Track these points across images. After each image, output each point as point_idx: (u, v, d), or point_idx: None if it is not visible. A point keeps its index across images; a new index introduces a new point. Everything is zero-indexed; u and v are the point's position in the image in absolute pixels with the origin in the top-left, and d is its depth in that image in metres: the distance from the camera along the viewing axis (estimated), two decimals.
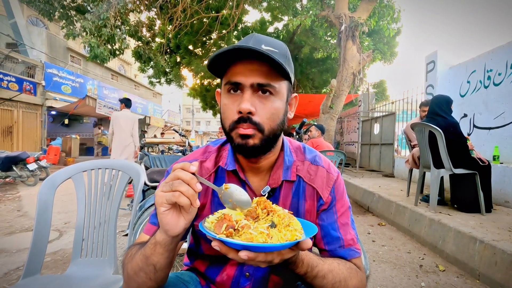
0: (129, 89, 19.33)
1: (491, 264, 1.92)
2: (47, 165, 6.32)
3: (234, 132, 0.62)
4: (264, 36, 0.64)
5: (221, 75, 0.66)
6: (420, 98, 5.57)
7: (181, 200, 0.50)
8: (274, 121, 0.63)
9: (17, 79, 10.66)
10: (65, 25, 7.36)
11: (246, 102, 0.59)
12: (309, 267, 0.58)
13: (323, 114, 7.01)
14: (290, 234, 0.50)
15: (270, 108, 0.62)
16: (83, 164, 1.25)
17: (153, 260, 0.56)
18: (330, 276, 0.61)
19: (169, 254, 0.57)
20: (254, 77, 0.59)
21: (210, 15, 8.61)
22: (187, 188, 0.50)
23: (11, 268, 2.12)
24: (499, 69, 3.79)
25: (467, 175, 2.79)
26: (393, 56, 11.37)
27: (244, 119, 0.60)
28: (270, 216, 0.54)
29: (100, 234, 1.20)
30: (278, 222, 0.52)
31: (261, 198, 0.58)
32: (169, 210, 0.52)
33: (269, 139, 0.63)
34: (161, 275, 0.59)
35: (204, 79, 13.26)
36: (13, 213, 3.79)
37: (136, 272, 0.58)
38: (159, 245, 0.55)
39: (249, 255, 0.46)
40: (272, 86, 0.61)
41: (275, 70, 0.60)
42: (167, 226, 0.53)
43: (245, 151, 0.63)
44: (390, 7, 7.54)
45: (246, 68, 0.59)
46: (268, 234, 0.49)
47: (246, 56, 0.59)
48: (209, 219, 0.55)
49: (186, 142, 4.31)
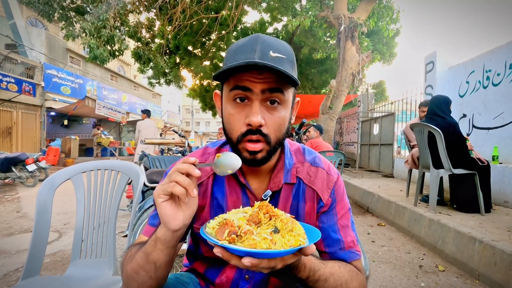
0: (128, 90, 19.31)
1: (491, 264, 1.92)
2: (46, 166, 6.31)
3: (241, 146, 0.61)
4: (270, 38, 0.61)
5: (223, 80, 0.63)
6: (419, 98, 5.58)
7: (176, 190, 0.50)
8: (281, 132, 0.63)
9: (16, 80, 10.65)
10: (64, 26, 7.37)
11: (257, 115, 0.58)
12: (311, 271, 0.58)
13: (322, 114, 7.02)
14: (294, 240, 0.50)
15: (278, 118, 0.61)
16: (83, 165, 1.25)
17: (153, 258, 0.56)
18: (332, 279, 0.61)
19: (169, 251, 0.57)
20: (263, 84, 0.58)
21: (209, 15, 8.62)
22: (183, 178, 0.51)
23: (10, 269, 2.12)
24: (498, 69, 3.80)
25: (467, 175, 2.79)
26: (392, 57, 11.40)
27: (253, 131, 0.59)
28: (273, 221, 0.53)
29: (99, 235, 1.20)
30: (281, 227, 0.52)
31: (263, 203, 0.57)
32: (167, 202, 0.53)
33: (275, 149, 0.64)
34: (161, 273, 0.59)
35: (203, 80, 13.27)
36: (12, 214, 3.78)
37: (136, 271, 0.58)
38: (160, 241, 0.55)
39: (252, 261, 0.46)
40: (282, 92, 0.60)
41: (283, 79, 0.58)
42: (166, 218, 0.53)
43: (253, 164, 0.63)
44: (389, 8, 7.56)
45: (254, 77, 0.58)
46: (272, 239, 0.49)
47: (255, 68, 0.56)
48: (210, 224, 0.55)
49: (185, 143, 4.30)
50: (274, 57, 0.57)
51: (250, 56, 0.57)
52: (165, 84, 13.33)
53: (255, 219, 0.54)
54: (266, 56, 0.57)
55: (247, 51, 0.58)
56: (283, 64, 0.58)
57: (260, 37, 0.60)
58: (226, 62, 0.62)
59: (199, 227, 0.70)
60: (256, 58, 0.56)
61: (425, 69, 5.29)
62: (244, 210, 0.58)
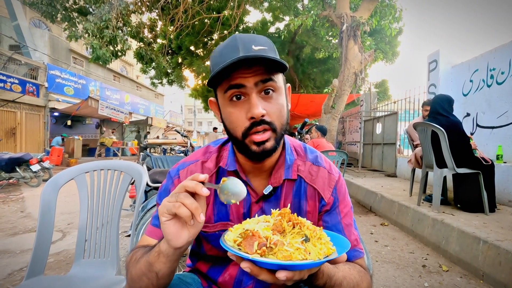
0: (131, 90, 19.37)
1: (495, 264, 1.91)
2: (50, 166, 6.37)
3: (248, 140, 0.62)
4: (248, 35, 0.63)
5: (216, 86, 0.64)
6: (422, 97, 5.55)
7: (181, 211, 0.48)
8: (283, 117, 0.64)
9: (20, 80, 10.72)
10: (67, 26, 7.41)
11: (258, 107, 0.59)
12: (328, 277, 0.57)
13: (325, 114, 7.00)
14: (326, 248, 0.47)
15: (277, 105, 0.62)
16: (86, 165, 1.25)
17: (156, 268, 0.56)
18: (345, 282, 0.60)
19: (172, 264, 0.57)
20: (255, 76, 0.59)
21: (211, 15, 8.62)
22: (191, 201, 0.49)
23: (14, 269, 2.13)
24: (502, 67, 3.77)
25: (470, 175, 2.77)
26: (395, 56, 11.34)
27: (258, 122, 0.60)
28: (297, 229, 0.51)
29: (102, 235, 1.20)
30: (310, 236, 0.49)
31: (285, 210, 0.54)
32: (170, 221, 0.51)
33: (281, 136, 0.65)
34: (163, 282, 0.59)
35: (205, 80, 13.27)
36: (16, 214, 3.81)
37: (139, 276, 0.59)
38: (162, 255, 0.55)
39: (288, 275, 0.43)
40: (273, 80, 0.61)
41: (272, 66, 0.60)
42: (169, 236, 0.52)
43: (263, 156, 0.63)
44: (392, 6, 7.52)
45: (245, 72, 0.59)
46: (306, 249, 0.46)
47: (243, 64, 0.57)
48: (229, 236, 0.51)
49: (188, 143, 4.31)
50: (258, 49, 0.59)
51: (235, 55, 0.58)
52: (167, 84, 13.36)
53: (279, 228, 0.51)
54: (250, 50, 0.59)
55: (231, 51, 0.60)
56: (268, 54, 0.59)
57: (238, 36, 0.62)
58: (213, 68, 0.63)
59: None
60: (241, 54, 0.58)
61: (428, 68, 5.26)
62: (265, 218, 0.55)
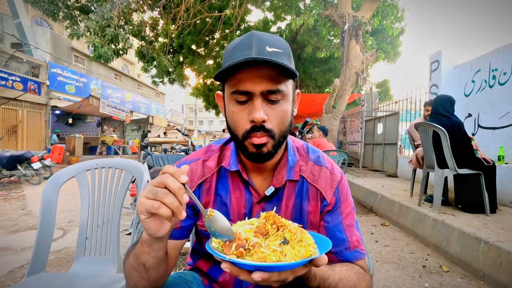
0: (132, 88, 19.40)
1: (496, 265, 1.90)
2: (51, 164, 6.38)
3: (247, 142, 0.62)
4: (266, 34, 0.62)
5: (224, 80, 0.64)
6: (424, 97, 5.54)
7: (162, 212, 0.45)
8: (284, 125, 0.63)
9: (22, 78, 10.75)
10: (69, 25, 7.41)
11: (259, 112, 0.58)
12: (322, 280, 0.57)
13: (326, 113, 6.98)
14: (304, 250, 0.48)
15: (280, 112, 0.62)
16: (87, 163, 1.25)
17: (141, 259, 0.56)
18: (341, 284, 0.60)
19: (156, 253, 0.55)
20: (263, 83, 0.58)
21: (213, 14, 8.61)
22: (173, 200, 0.46)
23: (15, 266, 2.14)
24: (505, 68, 3.75)
25: (472, 175, 2.76)
26: (397, 56, 11.30)
27: (258, 127, 0.60)
28: (281, 232, 0.51)
29: (103, 232, 1.21)
30: (290, 238, 0.49)
31: (270, 213, 0.54)
32: (150, 218, 0.49)
33: (280, 142, 0.64)
34: (153, 275, 0.58)
35: (207, 79, 13.26)
36: (17, 211, 3.83)
37: (130, 271, 0.59)
38: (145, 244, 0.54)
39: (263, 276, 0.44)
40: (281, 91, 0.60)
41: (282, 72, 0.59)
42: (150, 231, 0.50)
43: (259, 159, 0.63)
44: (394, 6, 7.49)
45: (254, 75, 0.58)
46: (282, 251, 0.46)
47: (254, 63, 0.57)
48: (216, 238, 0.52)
49: (189, 142, 4.32)
50: (271, 51, 0.58)
51: (247, 53, 0.57)
52: (168, 83, 13.36)
53: (263, 231, 0.51)
54: (263, 51, 0.58)
55: (244, 48, 0.59)
56: (280, 58, 0.58)
57: (255, 34, 0.61)
58: (224, 62, 0.62)
59: (202, 224, 0.70)
60: (253, 54, 0.57)
61: (430, 68, 5.24)
62: (251, 221, 0.56)
